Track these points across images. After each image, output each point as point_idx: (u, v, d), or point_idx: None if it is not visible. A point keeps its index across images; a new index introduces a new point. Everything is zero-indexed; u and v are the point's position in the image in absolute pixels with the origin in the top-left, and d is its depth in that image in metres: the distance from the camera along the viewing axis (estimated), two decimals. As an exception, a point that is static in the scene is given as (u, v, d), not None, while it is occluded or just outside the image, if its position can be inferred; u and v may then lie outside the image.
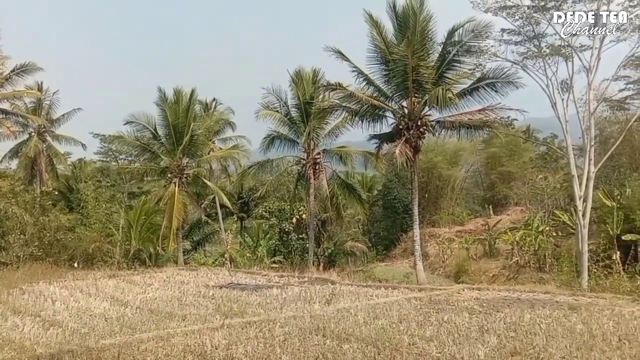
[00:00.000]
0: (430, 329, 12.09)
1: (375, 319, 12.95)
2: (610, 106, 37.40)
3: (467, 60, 24.91)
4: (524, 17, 24.89)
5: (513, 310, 14.33)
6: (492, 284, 24.98)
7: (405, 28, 23.76)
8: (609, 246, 26.24)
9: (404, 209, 38.30)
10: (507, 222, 36.69)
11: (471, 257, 32.59)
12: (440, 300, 16.26)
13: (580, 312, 14.04)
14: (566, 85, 25.46)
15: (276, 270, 26.67)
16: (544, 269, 27.93)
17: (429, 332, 11.85)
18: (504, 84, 23.87)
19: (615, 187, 30.48)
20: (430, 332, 11.85)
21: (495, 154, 46.00)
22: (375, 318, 13.03)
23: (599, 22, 24.10)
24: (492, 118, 24.84)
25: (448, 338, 11.14)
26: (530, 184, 36.51)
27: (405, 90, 24.39)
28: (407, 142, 24.13)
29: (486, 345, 10.73)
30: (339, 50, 25.18)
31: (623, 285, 20.65)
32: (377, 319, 12.87)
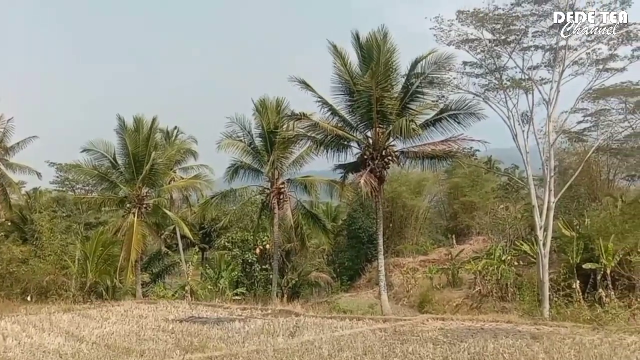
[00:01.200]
0: (394, 360, 11.94)
1: (339, 351, 12.76)
2: (569, 138, 38.67)
3: (430, 91, 25.35)
4: (486, 51, 25.63)
5: (477, 340, 14.32)
6: (455, 313, 25.06)
7: (369, 59, 24.05)
8: (569, 275, 26.67)
9: (368, 239, 38.27)
10: (470, 251, 37.01)
11: (435, 287, 32.64)
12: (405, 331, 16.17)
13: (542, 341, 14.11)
14: (526, 117, 26.17)
15: (239, 303, 26.10)
16: (506, 298, 28.14)
17: (392, 365, 11.68)
18: (466, 116, 24.31)
19: (575, 217, 31.17)
20: (393, 365, 11.68)
21: (458, 184, 46.67)
22: (340, 350, 12.84)
23: (558, 57, 25.04)
24: (455, 149, 25.17)
25: (414, 371, 11.00)
26: (492, 214, 37.09)
27: (370, 120, 24.56)
28: (371, 172, 24.17)
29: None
30: (303, 80, 25.28)
31: (583, 314, 20.97)
32: (342, 352, 12.69)
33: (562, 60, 24.79)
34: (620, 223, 26.69)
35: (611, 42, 24.30)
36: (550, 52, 25.14)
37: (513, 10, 24.32)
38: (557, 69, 24.97)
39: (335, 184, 28.88)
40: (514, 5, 24.19)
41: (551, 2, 23.55)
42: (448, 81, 25.69)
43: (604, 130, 35.17)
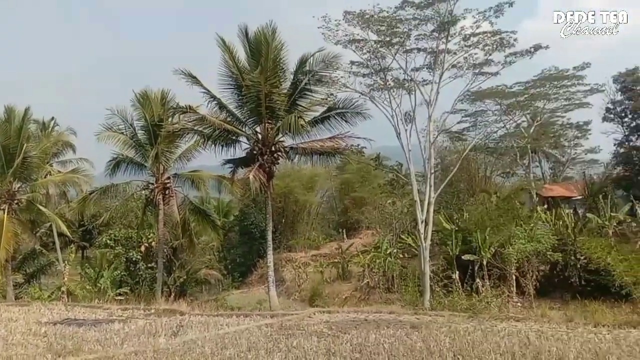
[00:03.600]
0: (278, 355, 11.96)
1: (223, 349, 12.58)
2: (450, 137, 41.15)
3: (318, 89, 25.76)
4: (371, 51, 26.49)
5: (360, 331, 14.67)
6: (343, 306, 25.61)
7: (258, 55, 23.92)
8: (449, 266, 28.23)
9: (261, 235, 38.04)
10: (360, 245, 38.01)
11: (325, 281, 33.21)
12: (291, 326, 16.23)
13: (421, 330, 14.75)
14: (409, 116, 27.44)
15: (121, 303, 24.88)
16: (391, 290, 29.25)
17: (277, 359, 11.70)
18: (353, 114, 24.95)
19: (455, 212, 32.98)
20: (278, 359, 11.70)
21: (348, 180, 47.82)
22: (224, 348, 12.66)
23: (438, 60, 26.44)
24: (343, 146, 25.77)
25: (295, 363, 11.06)
26: (380, 209, 38.30)
27: (259, 116, 24.45)
28: (261, 167, 24.09)
29: (332, 369, 10.77)
30: (190, 72, 24.60)
31: (460, 303, 22.32)
32: (225, 349, 12.52)
33: (442, 63, 26.28)
34: (496, 217, 28.53)
35: (486, 47, 26.09)
36: (431, 55, 26.54)
37: (397, 14, 25.40)
38: (438, 71, 26.47)
39: (224, 179, 28.45)
40: (397, 9, 25.25)
41: (432, 8, 24.80)
42: (336, 79, 26.32)
43: (481, 130, 37.95)
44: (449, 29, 25.37)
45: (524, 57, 26.41)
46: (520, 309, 23.27)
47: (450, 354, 11.74)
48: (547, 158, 53.87)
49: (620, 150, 40.92)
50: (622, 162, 40.49)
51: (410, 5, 24.90)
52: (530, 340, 13.08)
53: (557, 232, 27.71)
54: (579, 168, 54.39)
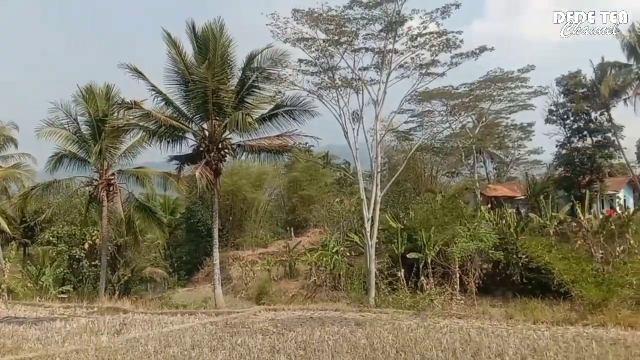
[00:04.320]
0: (222, 353, 11.89)
1: (166, 347, 12.52)
2: (397, 136, 41.65)
3: (266, 86, 25.62)
4: (320, 50, 26.44)
5: (305, 328, 14.71)
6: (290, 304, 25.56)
7: (205, 50, 23.58)
8: (395, 264, 28.59)
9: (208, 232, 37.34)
10: (307, 243, 38.06)
11: (272, 279, 33.04)
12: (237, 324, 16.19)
13: (365, 327, 14.89)
14: (357, 115, 27.53)
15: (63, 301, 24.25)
16: (338, 288, 29.38)
17: (221, 357, 11.60)
18: (301, 112, 24.96)
19: (401, 210, 33.46)
20: (222, 356, 11.61)
21: (296, 178, 47.73)
22: (167, 346, 12.57)
23: (385, 60, 26.66)
24: (291, 144, 25.71)
25: (239, 361, 10.99)
26: (328, 207, 38.44)
27: (206, 112, 24.11)
28: (207, 164, 23.75)
29: (275, 366, 10.72)
30: (135, 67, 23.99)
31: (405, 300, 22.64)
32: (169, 347, 12.44)
33: (389, 63, 26.48)
34: (441, 216, 29.01)
35: (433, 48, 26.47)
36: (378, 55, 26.71)
37: (345, 13, 25.43)
38: (385, 71, 26.62)
39: (170, 176, 27.91)
40: (346, 8, 25.29)
41: (380, 8, 24.99)
42: (284, 77, 26.13)
43: (428, 130, 38.58)
44: (396, 29, 25.59)
45: (469, 58, 26.90)
46: (463, 306, 23.79)
47: (393, 350, 11.88)
48: (491, 158, 55.52)
49: (562, 151, 42.55)
50: (564, 163, 42.09)
51: (359, 4, 24.97)
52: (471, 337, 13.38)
53: (499, 231, 28.50)
54: (522, 168, 56.27)
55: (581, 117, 40.96)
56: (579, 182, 39.65)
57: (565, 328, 15.17)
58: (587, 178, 39.74)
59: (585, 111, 40.63)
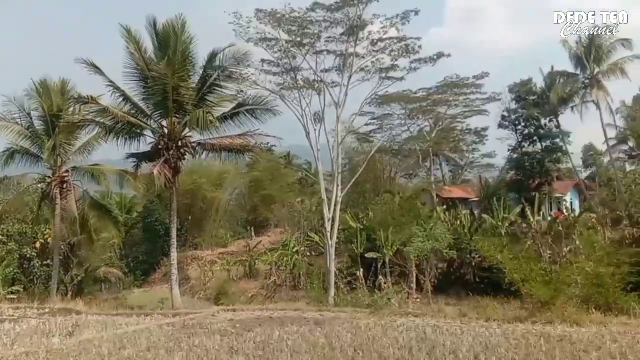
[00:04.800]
0: (179, 354, 11.76)
1: (121, 349, 12.23)
2: (358, 138, 42.10)
3: (228, 85, 25.44)
4: (282, 50, 26.57)
5: (264, 328, 14.72)
6: (249, 304, 25.55)
7: (165, 47, 23.23)
8: (353, 264, 28.94)
9: (165, 232, 36.85)
10: (268, 243, 38.11)
11: (232, 279, 32.95)
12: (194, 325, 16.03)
13: (324, 326, 15.03)
14: (318, 116, 27.83)
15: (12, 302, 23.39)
16: (298, 287, 29.57)
17: (178, 358, 11.49)
18: (263, 111, 24.86)
19: (361, 211, 33.89)
20: (179, 358, 11.50)
21: (257, 178, 47.60)
22: (122, 348, 12.29)
23: (347, 62, 27.00)
24: (252, 143, 25.66)
25: (196, 363, 10.94)
26: (289, 207, 38.57)
27: (165, 109, 23.75)
28: (166, 162, 23.41)
29: (233, 367, 10.74)
30: (92, 62, 23.41)
31: (363, 299, 22.95)
32: (124, 349, 12.17)
33: (351, 66, 26.89)
34: (398, 216, 29.59)
35: (393, 53, 26.98)
36: (340, 58, 27.07)
37: (308, 15, 25.64)
38: (346, 73, 27.06)
39: (126, 173, 27.37)
40: (308, 10, 25.50)
41: (342, 11, 25.28)
42: (246, 76, 26.14)
43: (387, 132, 39.21)
44: (357, 33, 25.98)
45: (427, 63, 27.59)
46: (419, 304, 24.29)
47: (350, 349, 12.05)
48: (447, 161, 56.75)
49: (513, 155, 44.04)
50: (515, 167, 43.58)
51: (321, 7, 25.26)
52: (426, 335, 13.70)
53: (454, 231, 29.27)
54: (476, 171, 57.86)
55: (531, 123, 42.56)
56: (529, 185, 41.15)
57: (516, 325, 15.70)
58: (537, 181, 41.30)
59: (536, 117, 42.23)
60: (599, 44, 39.25)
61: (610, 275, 19.17)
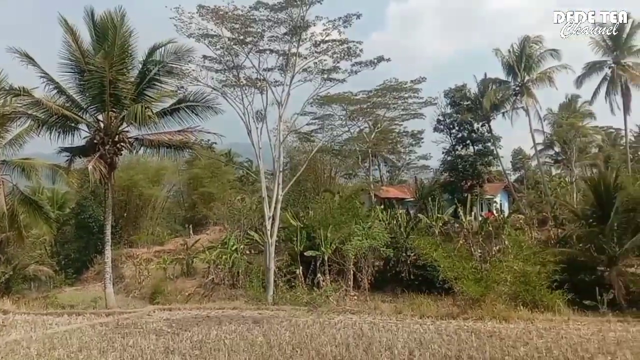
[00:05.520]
0: (112, 355, 11.63)
1: (51, 349, 11.97)
2: (299, 137, 42.34)
3: (169, 80, 25.06)
4: (225, 48, 26.37)
5: (201, 328, 14.70)
6: (187, 303, 25.23)
7: (103, 39, 22.59)
8: (293, 262, 29.08)
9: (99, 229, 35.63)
10: (206, 241, 37.57)
11: (168, 277, 32.30)
12: (129, 324, 15.81)
13: (262, 325, 15.17)
14: (260, 115, 27.82)
15: None
16: (236, 286, 29.30)
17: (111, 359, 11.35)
18: (204, 108, 24.64)
19: (301, 209, 34.05)
20: (112, 359, 11.36)
21: (197, 175, 46.97)
22: (52, 349, 12.03)
23: (289, 62, 27.11)
24: (192, 140, 25.35)
25: (131, 364, 10.83)
26: (229, 205, 38.21)
27: (102, 103, 23.10)
28: (102, 157, 22.80)
29: (169, 367, 10.71)
30: (26, 52, 22.44)
31: (302, 297, 23.19)
32: (54, 350, 11.92)
33: (293, 66, 27.02)
34: (338, 215, 29.90)
35: (335, 55, 27.36)
36: (283, 57, 27.16)
37: (251, 13, 25.59)
38: (289, 73, 27.16)
39: (59, 168, 26.34)
40: (252, 9, 25.44)
41: (285, 12, 25.39)
42: (187, 72, 25.81)
43: (328, 133, 39.70)
44: (300, 34, 26.14)
45: (368, 67, 28.12)
46: (357, 302, 24.77)
47: (289, 347, 12.24)
48: (385, 162, 58.03)
49: (448, 158, 45.48)
50: (449, 169, 45.02)
51: (264, 6, 25.21)
52: (363, 332, 14.11)
53: (391, 230, 29.92)
54: (412, 172, 59.48)
55: (465, 127, 44.13)
56: (462, 186, 42.71)
57: (448, 322, 16.42)
58: (469, 183, 42.93)
59: (469, 122, 43.83)
60: (530, 53, 41.24)
61: (537, 274, 20.35)
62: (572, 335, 13.51)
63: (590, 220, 24.32)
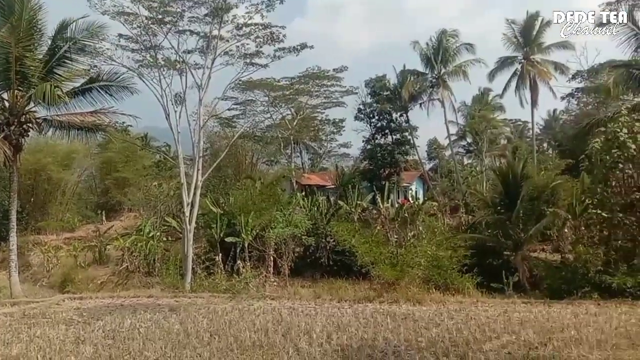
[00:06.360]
0: (18, 346, 11.09)
1: (-54, 345, 11.12)
2: (220, 122, 41.70)
3: (81, 59, 23.76)
4: (142, 27, 25.31)
5: (114, 317, 14.29)
6: (99, 291, 24.32)
7: (9, 13, 21.07)
8: (212, 249, 28.74)
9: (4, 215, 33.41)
10: (120, 228, 36.30)
11: (80, 265, 30.89)
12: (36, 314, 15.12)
13: (179, 312, 14.93)
14: (180, 98, 27.03)
15: None
16: (153, 274, 28.52)
17: (17, 350, 10.82)
18: (119, 89, 23.61)
19: (221, 196, 33.62)
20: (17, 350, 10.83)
21: (111, 159, 45.07)
22: (-53, 344, 11.18)
23: (210, 45, 26.46)
24: (106, 122, 24.23)
25: (38, 354, 10.39)
26: (145, 191, 37.02)
27: (7, 81, 21.62)
28: (6, 138, 21.41)
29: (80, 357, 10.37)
30: None
31: (221, 284, 23.00)
32: (-50, 345, 11.08)
33: (214, 49, 26.42)
34: (259, 202, 29.77)
35: (257, 40, 27.01)
36: (204, 40, 26.50)
37: (170, -9, 24.71)
38: (210, 56, 26.52)
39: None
40: (171, -13, 24.59)
41: None
42: (101, 51, 24.58)
43: (250, 118, 39.38)
44: (222, 16, 25.55)
45: (291, 53, 28.03)
46: (276, 287, 24.89)
47: (207, 334, 12.15)
48: (307, 149, 58.54)
49: (367, 146, 46.65)
50: (368, 157, 46.20)
51: (183, -15, 24.47)
52: (282, 317, 14.23)
53: (312, 217, 30.23)
54: (333, 160, 60.53)
55: (384, 117, 45.42)
56: (380, 174, 44.00)
57: (365, 305, 16.91)
58: (387, 171, 44.29)
59: (388, 112, 45.14)
60: (447, 47, 42.86)
61: (449, 258, 21.36)
62: (480, 316, 14.29)
63: (499, 208, 25.73)
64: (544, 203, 24.74)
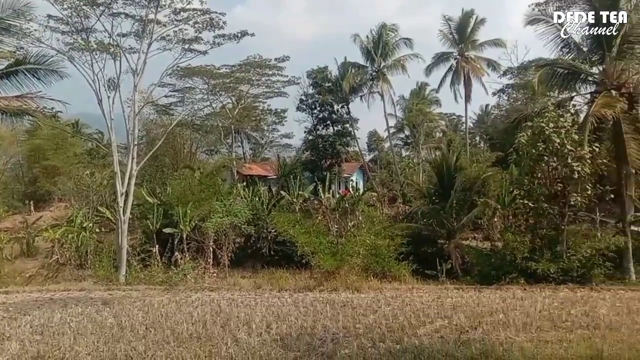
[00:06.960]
0: None
1: None
2: (157, 110, 40.47)
3: (5, 39, 22.27)
4: (73, 8, 24.12)
5: (43, 311, 13.74)
6: (27, 285, 23.20)
7: None
8: (148, 240, 27.95)
9: None
10: (50, 219, 34.69)
11: (5, 258, 29.33)
12: (-45, 311, 14.18)
13: (113, 306, 14.46)
14: (113, 83, 25.97)
15: None
16: (85, 266, 27.46)
17: None
18: (47, 72, 22.29)
19: (158, 186, 32.72)
20: None
21: (39, 147, 42.95)
22: None
23: (147, 29, 25.55)
24: (34, 107, 22.93)
25: (-45, 354, 9.74)
26: (76, 180, 35.51)
27: None
28: None
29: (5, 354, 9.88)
30: None
31: (157, 276, 22.44)
32: None
33: (151, 33, 25.56)
34: (198, 192, 29.23)
35: (196, 25, 26.37)
36: (139, 23, 25.57)
37: (103, -28, 23.67)
38: (146, 40, 25.62)
39: None
40: (104, -33, 23.55)
41: None
42: (28, 32, 23.24)
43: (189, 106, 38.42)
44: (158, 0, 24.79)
45: (231, 40, 27.59)
46: (216, 279, 24.52)
47: (142, 327, 11.85)
48: (248, 139, 57.98)
49: (309, 137, 46.66)
50: (310, 148, 46.27)
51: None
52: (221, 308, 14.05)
53: (253, 207, 29.94)
54: (275, 150, 60.27)
55: (326, 108, 45.57)
56: (322, 165, 44.20)
57: (305, 294, 16.98)
58: (329, 162, 44.55)
59: (330, 103, 45.32)
60: (386, 41, 43.36)
61: (386, 247, 21.77)
62: (415, 302, 14.65)
63: (433, 198, 26.42)
64: (475, 193, 25.67)
